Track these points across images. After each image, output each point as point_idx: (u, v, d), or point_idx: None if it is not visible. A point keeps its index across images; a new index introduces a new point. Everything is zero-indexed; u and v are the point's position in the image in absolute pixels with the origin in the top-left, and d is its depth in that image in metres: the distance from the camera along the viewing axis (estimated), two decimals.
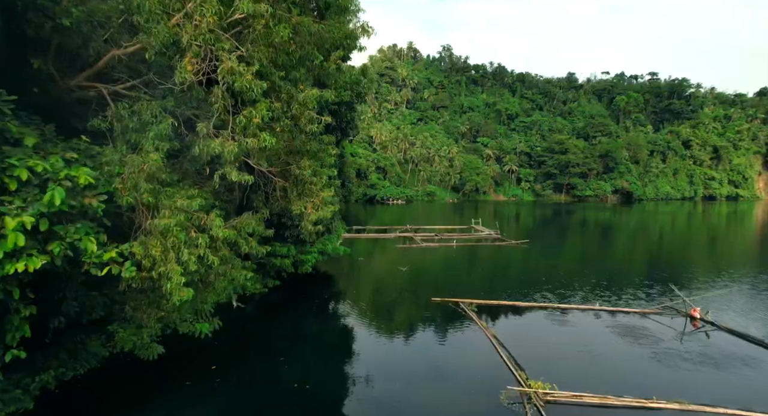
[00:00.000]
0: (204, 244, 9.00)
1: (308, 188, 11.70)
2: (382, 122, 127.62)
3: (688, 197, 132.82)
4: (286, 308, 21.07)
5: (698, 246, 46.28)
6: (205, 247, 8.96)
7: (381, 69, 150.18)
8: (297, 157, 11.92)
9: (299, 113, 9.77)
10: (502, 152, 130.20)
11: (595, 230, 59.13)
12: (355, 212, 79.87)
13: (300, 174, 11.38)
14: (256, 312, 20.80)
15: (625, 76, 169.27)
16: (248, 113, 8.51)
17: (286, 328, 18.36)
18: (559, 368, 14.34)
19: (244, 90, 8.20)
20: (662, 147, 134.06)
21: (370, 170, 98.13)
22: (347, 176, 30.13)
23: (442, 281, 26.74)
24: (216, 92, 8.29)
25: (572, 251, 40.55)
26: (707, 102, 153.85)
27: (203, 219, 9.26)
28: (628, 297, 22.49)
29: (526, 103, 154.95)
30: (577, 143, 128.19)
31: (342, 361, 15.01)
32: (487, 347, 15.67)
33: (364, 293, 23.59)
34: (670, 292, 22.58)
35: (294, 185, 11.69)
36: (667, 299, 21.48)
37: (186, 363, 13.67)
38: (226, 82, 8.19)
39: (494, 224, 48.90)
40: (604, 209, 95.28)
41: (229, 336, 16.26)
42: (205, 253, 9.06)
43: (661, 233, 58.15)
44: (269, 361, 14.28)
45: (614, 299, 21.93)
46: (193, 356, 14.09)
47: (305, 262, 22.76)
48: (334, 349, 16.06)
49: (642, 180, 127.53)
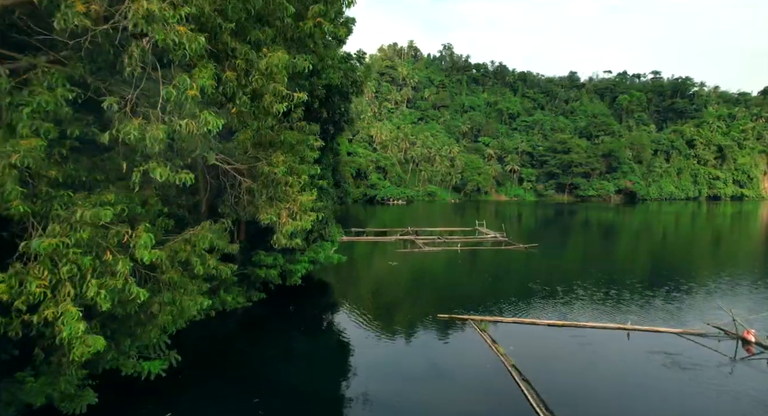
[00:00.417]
0: (124, 271, 6.25)
1: (282, 190, 8.92)
2: (382, 121, 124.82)
3: (693, 197, 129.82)
4: (271, 325, 18.33)
5: (725, 249, 43.38)
6: (124, 276, 6.20)
7: (381, 68, 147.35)
8: (269, 150, 9.20)
9: (261, 86, 7.00)
10: (504, 151, 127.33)
11: (603, 232, 56.31)
12: (354, 213, 77.16)
13: (270, 172, 8.59)
14: (238, 330, 18.11)
15: (628, 75, 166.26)
16: (181, 82, 5.78)
17: (270, 349, 15.61)
18: (589, 404, 11.71)
19: (172, 47, 5.48)
20: (666, 146, 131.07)
21: (370, 169, 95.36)
22: (343, 175, 27.32)
23: (447, 291, 23.95)
24: (131, 51, 5.56)
25: (583, 256, 37.76)
26: (711, 101, 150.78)
27: (126, 236, 6.50)
28: (660, 312, 19.69)
29: (527, 102, 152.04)
30: (579, 142, 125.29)
31: (332, 394, 12.29)
32: (503, 377, 12.93)
33: (361, 306, 20.80)
34: (713, 306, 19.80)
35: (263, 187, 8.91)
36: (711, 316, 18.57)
37: (132, 411, 10.87)
38: (147, 34, 5.46)
39: (499, 226, 46.08)
40: (607, 210, 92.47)
41: (200, 363, 13.53)
42: (126, 284, 6.30)
43: (675, 234, 55.41)
44: (246, 400, 11.53)
45: (645, 315, 19.13)
46: (146, 399, 11.30)
47: (294, 273, 19.96)
48: (324, 379, 13.31)
49: (645, 180, 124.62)
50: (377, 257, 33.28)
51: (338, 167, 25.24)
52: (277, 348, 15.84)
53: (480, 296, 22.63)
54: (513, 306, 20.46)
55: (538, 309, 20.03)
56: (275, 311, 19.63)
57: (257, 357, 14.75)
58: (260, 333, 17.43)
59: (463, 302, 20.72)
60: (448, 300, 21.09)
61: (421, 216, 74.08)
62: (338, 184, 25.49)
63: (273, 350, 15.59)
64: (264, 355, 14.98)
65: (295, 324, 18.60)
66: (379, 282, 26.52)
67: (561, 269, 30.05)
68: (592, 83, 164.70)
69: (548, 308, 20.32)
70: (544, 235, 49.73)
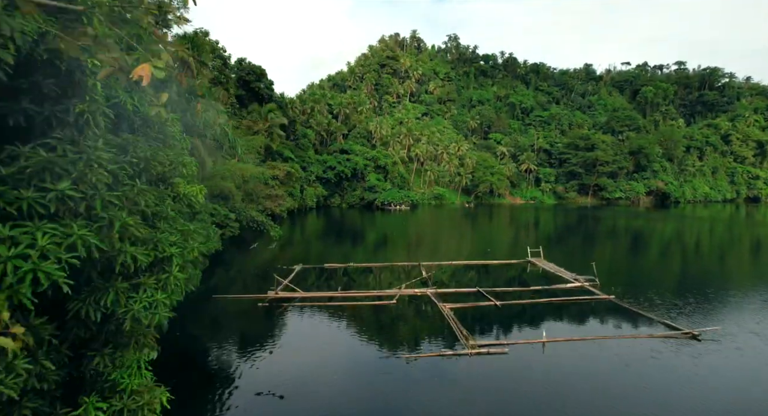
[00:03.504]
0: None
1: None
2: (382, 115, 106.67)
3: (730, 198, 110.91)
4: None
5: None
6: None
7: (382, 59, 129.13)
8: None
9: None
10: (518, 149, 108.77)
11: (702, 250, 37.94)
12: (351, 222, 59.37)
13: None
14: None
15: (648, 67, 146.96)
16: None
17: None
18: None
19: None
20: (699, 143, 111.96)
21: (368, 169, 77.38)
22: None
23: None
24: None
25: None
26: (744, 93, 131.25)
27: None
28: None
29: (541, 96, 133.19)
30: (604, 138, 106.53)
31: None
32: None
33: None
34: None
35: None
36: None
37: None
38: None
39: (588, 269, 24.36)
40: (649, 216, 74.00)
41: None
42: None
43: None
44: None
45: None
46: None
47: None
48: None
49: (678, 180, 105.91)
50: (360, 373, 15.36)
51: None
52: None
53: None
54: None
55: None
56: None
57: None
58: None
59: None
60: None
61: (430, 227, 56.10)
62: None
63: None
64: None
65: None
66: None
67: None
68: (609, 76, 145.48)
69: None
70: (629, 272, 31.46)
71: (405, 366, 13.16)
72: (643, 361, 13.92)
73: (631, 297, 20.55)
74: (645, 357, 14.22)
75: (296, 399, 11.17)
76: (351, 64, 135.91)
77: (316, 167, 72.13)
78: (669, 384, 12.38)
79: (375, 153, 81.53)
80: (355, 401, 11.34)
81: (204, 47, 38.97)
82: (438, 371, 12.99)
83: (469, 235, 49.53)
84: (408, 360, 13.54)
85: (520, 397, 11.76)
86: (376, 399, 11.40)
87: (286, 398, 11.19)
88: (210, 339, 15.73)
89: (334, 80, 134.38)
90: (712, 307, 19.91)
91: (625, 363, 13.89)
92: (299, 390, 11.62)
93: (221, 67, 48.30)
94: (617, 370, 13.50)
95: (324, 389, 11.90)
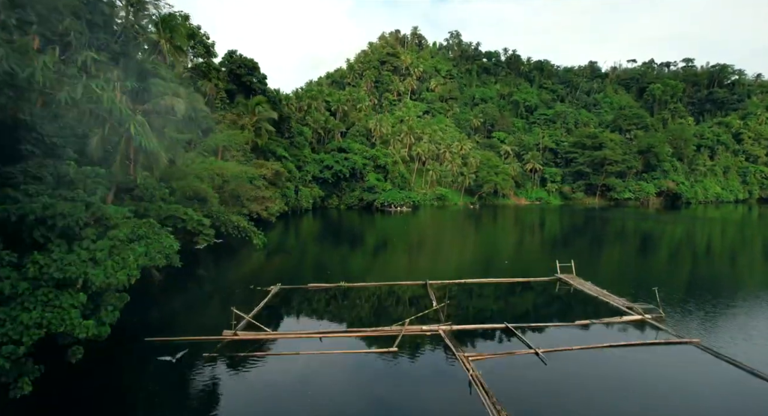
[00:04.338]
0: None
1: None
2: (382, 113, 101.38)
3: (742, 199, 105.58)
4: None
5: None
6: None
7: (382, 56, 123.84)
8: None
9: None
10: (522, 148, 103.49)
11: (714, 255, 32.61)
12: (348, 224, 54.26)
13: None
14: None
15: (655, 64, 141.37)
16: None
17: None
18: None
19: None
20: (710, 141, 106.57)
21: (367, 169, 72.14)
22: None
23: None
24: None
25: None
26: (754, 90, 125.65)
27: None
28: None
29: (545, 93, 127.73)
30: (612, 136, 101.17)
31: None
32: None
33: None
34: None
35: None
36: None
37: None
38: None
39: (633, 287, 21.25)
40: (664, 218, 68.77)
41: None
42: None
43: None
44: None
45: None
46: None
47: None
48: None
49: (688, 180, 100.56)
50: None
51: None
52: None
53: None
54: None
55: None
56: None
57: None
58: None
59: None
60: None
61: (435, 231, 50.93)
62: None
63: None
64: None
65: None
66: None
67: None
68: (615, 73, 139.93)
69: None
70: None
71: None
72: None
73: (718, 339, 15.16)
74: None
75: None
76: (350, 61, 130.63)
77: (313, 166, 66.94)
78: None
79: (374, 152, 76.32)
80: None
81: (179, 30, 33.72)
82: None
83: (478, 240, 44.35)
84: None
85: None
86: None
87: None
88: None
89: (333, 78, 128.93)
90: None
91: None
92: None
93: (204, 54, 43.04)
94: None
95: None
